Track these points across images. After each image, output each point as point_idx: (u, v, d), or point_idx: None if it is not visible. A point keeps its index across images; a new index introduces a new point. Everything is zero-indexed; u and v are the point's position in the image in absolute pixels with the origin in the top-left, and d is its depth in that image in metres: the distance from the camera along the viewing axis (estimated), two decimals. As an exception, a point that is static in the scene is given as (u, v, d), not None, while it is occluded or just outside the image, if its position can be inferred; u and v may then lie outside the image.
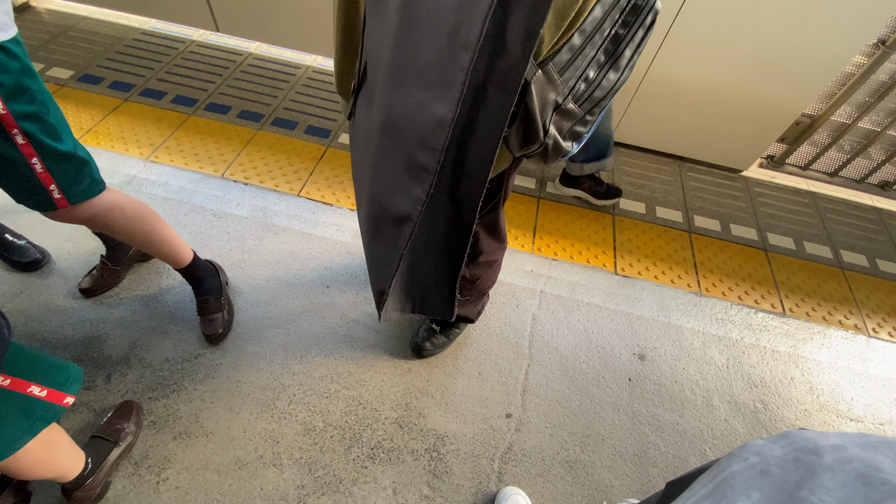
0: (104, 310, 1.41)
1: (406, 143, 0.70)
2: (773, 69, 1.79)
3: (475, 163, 0.71)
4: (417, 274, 0.94)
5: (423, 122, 0.66)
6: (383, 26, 0.66)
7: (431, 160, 0.68)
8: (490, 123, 0.66)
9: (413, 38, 0.61)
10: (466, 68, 0.58)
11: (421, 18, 0.59)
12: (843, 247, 1.98)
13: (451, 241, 0.85)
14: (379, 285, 0.94)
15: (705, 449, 1.35)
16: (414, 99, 0.65)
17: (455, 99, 0.61)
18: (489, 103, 0.64)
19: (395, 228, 0.80)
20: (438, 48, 0.59)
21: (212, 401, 1.27)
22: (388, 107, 0.70)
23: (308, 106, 2.17)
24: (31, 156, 0.89)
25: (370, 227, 0.88)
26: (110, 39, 2.34)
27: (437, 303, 1.01)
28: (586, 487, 1.24)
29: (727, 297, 1.73)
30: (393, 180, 0.75)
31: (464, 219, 0.80)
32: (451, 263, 0.90)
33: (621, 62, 0.68)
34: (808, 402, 1.49)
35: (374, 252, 0.92)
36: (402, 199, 0.75)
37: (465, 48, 0.57)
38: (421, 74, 0.63)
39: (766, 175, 2.27)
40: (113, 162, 1.79)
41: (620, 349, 1.53)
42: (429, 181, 0.70)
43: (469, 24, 0.56)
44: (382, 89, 0.70)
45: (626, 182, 2.09)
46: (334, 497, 1.16)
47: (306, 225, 1.70)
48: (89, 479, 1.04)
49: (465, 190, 0.75)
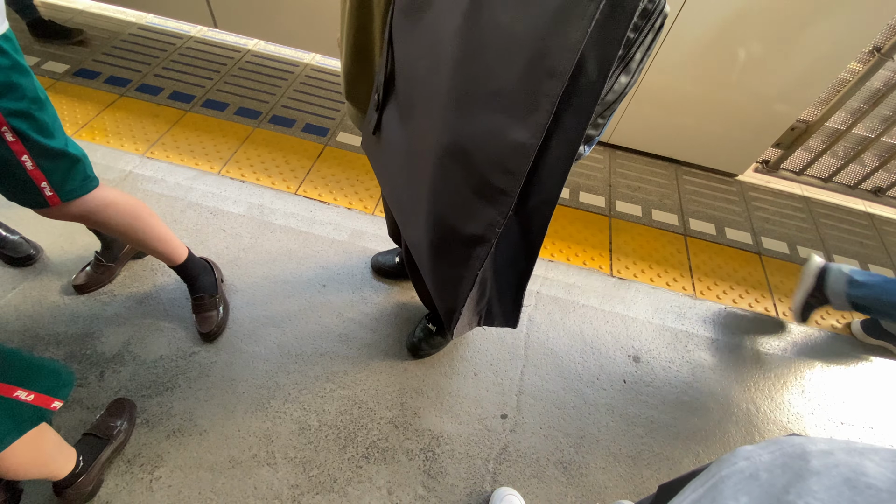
0: (98, 307, 1.40)
1: (477, 166, 0.70)
2: (770, 75, 1.81)
3: (548, 184, 0.72)
4: (485, 290, 0.97)
5: (499, 146, 0.67)
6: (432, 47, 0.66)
7: (511, 184, 0.69)
8: (564, 145, 0.67)
9: (482, 64, 0.62)
10: (556, 95, 0.59)
11: (492, 44, 0.60)
12: (836, 251, 2.00)
13: (518, 256, 0.87)
14: (448, 304, 0.95)
15: (699, 451, 1.36)
16: (486, 123, 0.66)
17: (541, 125, 0.62)
18: (564, 126, 0.65)
19: (466, 249, 0.81)
20: (517, 73, 0.60)
21: (206, 399, 1.27)
22: (453, 130, 0.70)
23: (306, 104, 2.16)
24: (22, 153, 0.88)
25: (433, 248, 0.88)
26: (107, 34, 2.33)
27: (504, 313, 1.04)
28: (580, 488, 1.25)
29: (722, 300, 1.74)
30: (461, 203, 0.77)
31: (533, 236, 0.82)
32: (519, 279, 0.93)
33: (632, 66, 0.69)
34: (800, 406, 1.50)
35: (439, 271, 0.93)
36: (475, 222, 0.76)
37: (552, 76, 0.58)
38: (492, 99, 0.64)
39: (761, 180, 2.29)
40: (108, 158, 1.77)
41: (615, 351, 1.53)
42: (508, 204, 0.71)
43: (559, 52, 0.56)
44: (441, 112, 0.71)
45: (623, 185, 2.10)
46: (329, 496, 1.16)
47: (303, 223, 1.70)
48: (81, 476, 1.04)
49: (535, 207, 0.77)
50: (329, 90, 2.26)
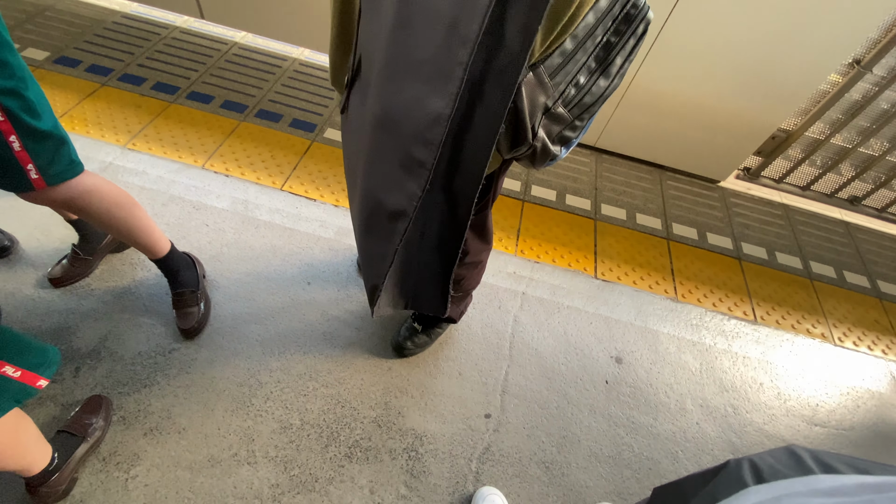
0: (74, 301, 1.36)
1: (402, 137, 0.69)
2: (753, 84, 1.85)
3: (471, 159, 0.71)
4: (411, 270, 0.94)
5: (419, 116, 0.65)
6: (379, 19, 0.65)
7: (428, 155, 0.67)
8: (487, 119, 0.66)
9: (410, 32, 0.61)
10: (465, 63, 0.58)
11: (418, 12, 0.59)
12: (812, 258, 2.06)
13: (445, 238, 0.85)
14: (372, 280, 0.93)
15: (677, 451, 1.38)
16: (410, 93, 0.65)
17: (453, 94, 0.61)
18: (486, 99, 0.64)
19: (390, 224, 0.79)
20: (436, 42, 0.59)
21: (185, 397, 1.24)
22: (384, 100, 0.69)
23: (294, 99, 2.14)
24: (9, 133, 0.86)
25: (364, 222, 0.87)
26: (89, 21, 2.27)
27: (430, 299, 1.00)
28: (562, 488, 1.26)
29: (702, 303, 1.77)
30: (388, 175, 0.75)
31: (459, 215, 0.80)
32: (446, 260, 0.90)
33: (612, 69, 0.69)
34: (775, 408, 1.54)
35: (367, 247, 0.91)
36: (397, 195, 0.75)
37: (464, 43, 0.57)
38: (418, 69, 0.63)
39: (743, 186, 2.34)
40: (88, 148, 1.73)
41: (598, 352, 1.55)
42: (425, 176, 0.70)
43: (468, 18, 0.55)
44: (378, 83, 0.69)
45: (608, 188, 2.13)
46: (310, 496, 1.14)
47: (288, 220, 1.68)
48: (55, 474, 1.01)
49: (460, 186, 0.75)
50: (318, 86, 2.24)
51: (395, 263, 0.87)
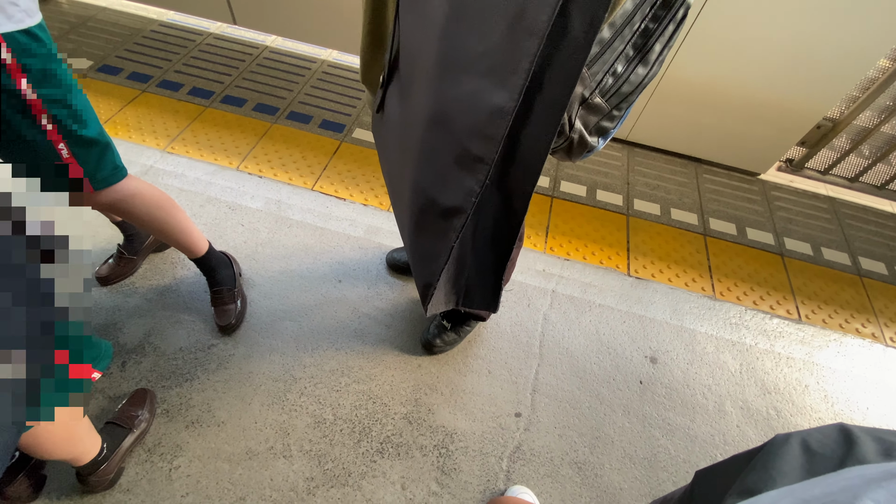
0: (120, 298, 1.42)
1: (457, 133, 0.68)
2: (796, 71, 1.76)
3: (529, 152, 0.69)
4: (464, 267, 0.92)
5: (478, 111, 0.64)
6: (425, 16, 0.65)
7: (489, 150, 0.65)
8: (547, 112, 0.63)
9: (466, 26, 0.60)
10: (533, 55, 0.56)
11: (475, 5, 0.58)
12: (861, 254, 1.95)
13: (499, 233, 0.84)
14: (425, 279, 0.92)
15: (716, 454, 1.33)
16: (467, 88, 0.63)
17: (518, 87, 0.59)
18: (546, 91, 0.62)
19: (445, 221, 0.78)
20: (498, 35, 0.57)
21: (224, 391, 1.28)
22: (437, 96, 0.68)
23: (323, 100, 2.17)
24: (59, 141, 0.90)
25: (415, 221, 0.86)
26: (129, 30, 2.37)
27: (482, 295, 0.99)
28: (595, 489, 1.24)
29: (742, 301, 1.70)
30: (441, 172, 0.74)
31: (514, 210, 0.78)
32: (498, 256, 0.88)
33: (650, 57, 0.67)
34: (822, 411, 1.46)
35: (419, 246, 0.90)
36: (454, 191, 0.73)
37: (532, 34, 0.55)
38: (475, 62, 0.61)
39: (785, 179, 2.24)
40: (130, 152, 1.81)
41: (632, 351, 1.51)
42: (484, 172, 0.68)
43: (537, 9, 0.53)
44: (428, 80, 0.68)
45: (641, 183, 2.07)
46: (343, 490, 1.16)
47: (319, 219, 1.71)
48: (104, 464, 1.06)
49: (517, 180, 0.73)
50: (346, 86, 2.27)
51: (449, 262, 0.85)
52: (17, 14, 0.77)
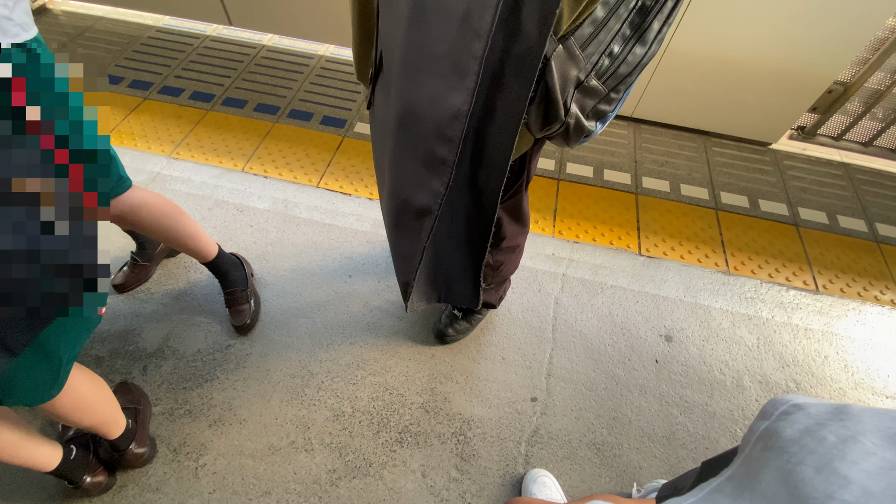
0: (137, 304, 1.45)
1: (423, 134, 0.68)
2: (803, 36, 1.71)
3: (494, 152, 0.69)
4: (441, 265, 0.94)
5: (439, 113, 0.64)
6: (393, 14, 0.65)
7: (449, 152, 0.67)
8: (508, 111, 0.64)
9: (425, 27, 0.60)
10: (480, 57, 0.56)
11: (432, 6, 0.58)
12: (878, 220, 1.90)
13: (473, 232, 0.85)
14: (404, 277, 0.94)
15: (736, 430, 1.33)
16: (428, 89, 0.64)
17: (470, 89, 0.59)
18: (506, 91, 0.62)
19: (417, 221, 0.79)
20: (451, 36, 0.58)
21: (243, 389, 1.31)
22: (404, 97, 0.69)
23: (323, 96, 2.17)
24: None
25: (393, 220, 0.87)
26: (126, 39, 2.38)
27: (462, 292, 1.01)
28: (614, 469, 1.24)
29: (757, 275, 1.68)
30: (412, 173, 0.75)
31: (485, 209, 0.79)
32: (475, 253, 0.90)
33: (648, 35, 0.65)
34: (842, 381, 1.44)
35: (397, 244, 0.92)
36: (423, 192, 0.74)
37: (478, 36, 0.55)
38: (435, 64, 0.61)
39: (797, 147, 2.18)
40: (137, 160, 1.83)
41: (646, 331, 1.51)
42: (447, 174, 0.69)
43: (480, 10, 0.54)
44: (397, 79, 0.69)
45: (649, 160, 2.04)
46: (365, 480, 1.19)
47: (326, 216, 1.72)
48: (135, 434, 1.12)
49: (484, 179, 0.74)
50: (345, 80, 2.26)
51: (425, 260, 0.87)
52: (12, 28, 0.77)
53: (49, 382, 0.81)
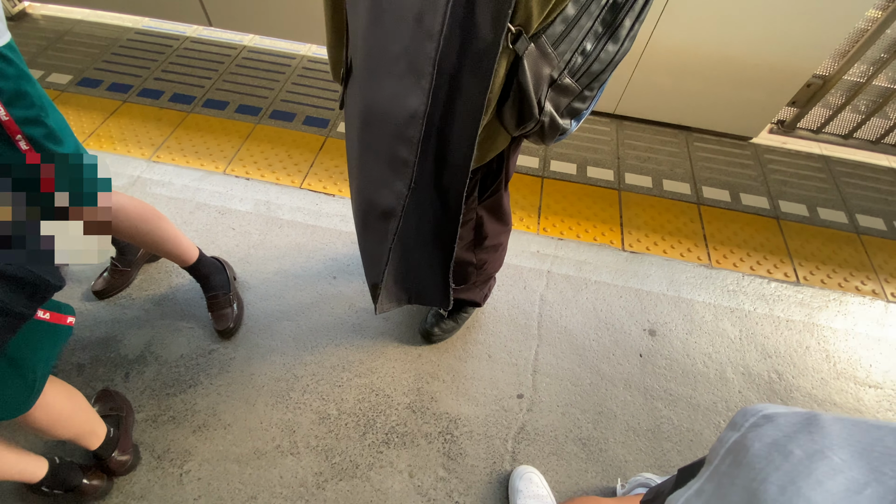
0: (118, 310, 1.43)
1: (385, 135, 0.68)
2: (782, 30, 1.73)
3: (456, 152, 0.69)
4: (409, 266, 0.93)
5: (398, 113, 0.64)
6: (357, 15, 0.64)
7: (410, 153, 0.67)
8: (468, 111, 0.64)
9: (382, 28, 0.60)
10: (433, 58, 0.56)
11: (389, 8, 0.57)
12: (858, 211, 1.93)
13: (439, 232, 0.85)
14: (372, 279, 0.94)
15: (720, 421, 1.34)
16: (388, 90, 0.64)
17: (425, 90, 0.59)
18: (465, 91, 0.62)
19: (383, 223, 0.79)
20: (406, 38, 0.58)
21: (227, 394, 1.30)
22: (366, 98, 0.68)
23: (305, 96, 2.15)
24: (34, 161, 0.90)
25: (361, 222, 0.87)
26: (106, 41, 2.34)
27: (432, 293, 1.00)
28: (600, 463, 1.25)
29: (738, 268, 1.70)
30: (376, 174, 0.75)
31: (450, 208, 0.79)
32: (442, 254, 0.89)
33: (621, 32, 0.65)
34: (824, 371, 1.47)
35: (366, 246, 0.92)
36: (387, 194, 0.74)
37: (430, 37, 0.55)
38: (393, 65, 0.61)
39: (777, 141, 2.21)
40: (116, 164, 1.80)
41: (630, 325, 1.52)
42: (409, 175, 0.69)
43: (432, 11, 0.53)
44: (360, 80, 0.69)
45: (632, 156, 2.05)
46: (352, 482, 1.18)
47: (310, 217, 1.70)
48: (117, 442, 1.10)
49: (448, 180, 0.74)
50: (327, 80, 2.24)
51: (392, 261, 0.87)
52: None
53: (23, 396, 0.80)
